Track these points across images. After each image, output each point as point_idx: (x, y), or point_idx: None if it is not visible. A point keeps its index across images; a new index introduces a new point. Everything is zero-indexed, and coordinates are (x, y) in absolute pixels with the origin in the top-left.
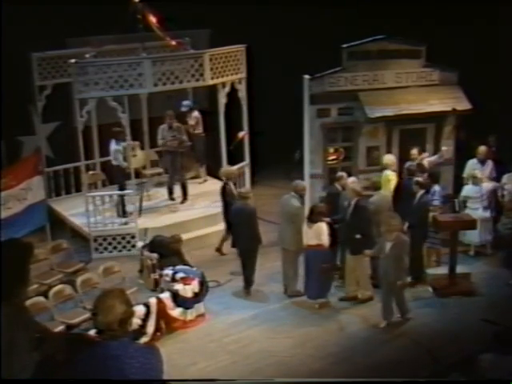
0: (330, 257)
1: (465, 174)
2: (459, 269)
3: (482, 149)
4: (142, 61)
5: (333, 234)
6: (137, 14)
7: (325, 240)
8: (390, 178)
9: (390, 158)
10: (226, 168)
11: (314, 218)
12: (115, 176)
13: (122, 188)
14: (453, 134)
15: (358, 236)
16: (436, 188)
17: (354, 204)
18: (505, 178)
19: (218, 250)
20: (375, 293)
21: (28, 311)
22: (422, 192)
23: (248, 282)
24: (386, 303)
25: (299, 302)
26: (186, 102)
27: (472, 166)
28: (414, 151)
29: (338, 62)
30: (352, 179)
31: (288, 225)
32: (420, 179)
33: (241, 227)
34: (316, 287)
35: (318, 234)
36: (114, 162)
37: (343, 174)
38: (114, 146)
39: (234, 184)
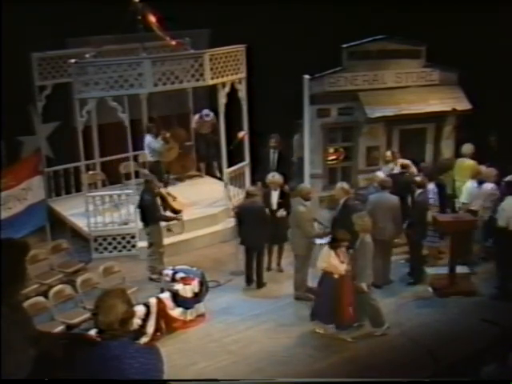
0: (334, 284)
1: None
2: (459, 269)
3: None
4: (142, 61)
5: None
6: (137, 14)
7: (318, 264)
8: (466, 165)
9: (468, 148)
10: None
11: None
12: (154, 171)
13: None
14: (453, 134)
15: None
16: (430, 186)
17: (343, 203)
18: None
19: (278, 264)
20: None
21: (24, 311)
22: (419, 191)
23: (259, 278)
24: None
25: (299, 303)
26: (206, 111)
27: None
28: (388, 153)
29: (338, 62)
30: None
31: (295, 230)
32: (418, 178)
33: (251, 224)
34: (323, 312)
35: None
36: (151, 158)
37: (408, 161)
38: (153, 142)
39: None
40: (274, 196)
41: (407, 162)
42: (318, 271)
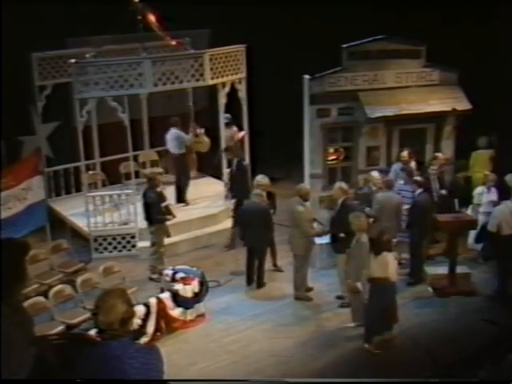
0: (393, 291)
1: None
2: (459, 269)
3: None
4: (142, 61)
5: None
6: (137, 14)
7: (391, 273)
8: (485, 155)
9: (483, 140)
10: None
11: (377, 248)
12: (177, 166)
13: (180, 177)
14: (453, 134)
15: (341, 235)
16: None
17: (341, 203)
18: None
19: (275, 265)
20: None
21: (24, 311)
22: (419, 191)
23: (260, 278)
24: (352, 305)
25: (299, 303)
26: (227, 115)
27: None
28: (405, 153)
29: (338, 62)
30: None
31: (294, 229)
32: (419, 178)
33: (255, 225)
34: (376, 322)
35: (384, 265)
36: (176, 151)
37: (439, 154)
38: (182, 134)
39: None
40: None
41: (438, 154)
42: (391, 282)
